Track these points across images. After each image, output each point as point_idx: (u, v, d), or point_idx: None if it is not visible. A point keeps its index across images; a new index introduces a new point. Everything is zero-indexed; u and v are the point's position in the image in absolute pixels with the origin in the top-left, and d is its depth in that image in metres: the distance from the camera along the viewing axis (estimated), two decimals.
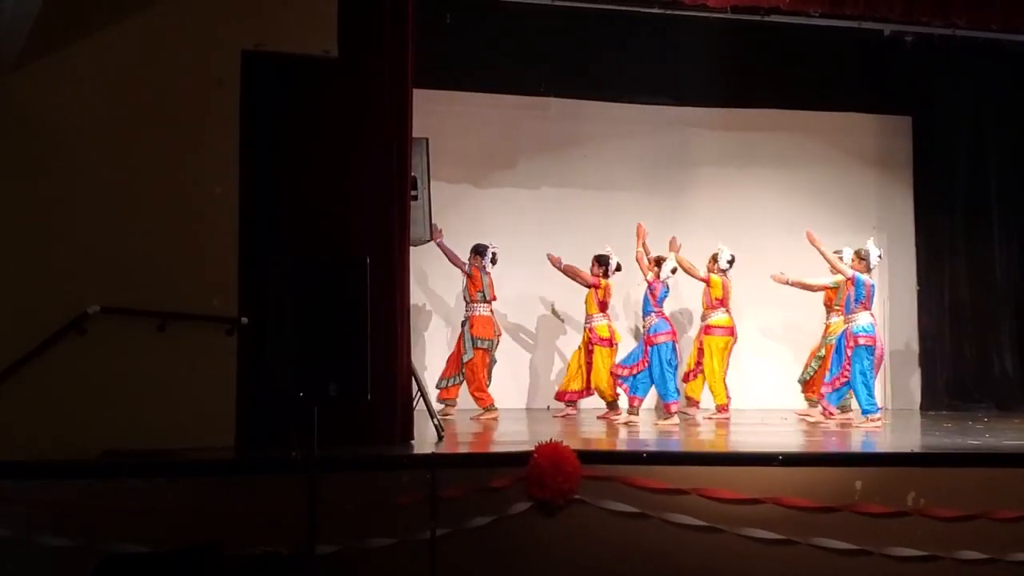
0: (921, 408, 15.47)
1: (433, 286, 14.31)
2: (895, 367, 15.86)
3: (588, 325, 13.37)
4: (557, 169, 15.22)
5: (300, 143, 8.90)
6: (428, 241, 10.59)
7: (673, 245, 13.18)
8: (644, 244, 13.13)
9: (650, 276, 12.76)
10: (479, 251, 13.11)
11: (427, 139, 10.20)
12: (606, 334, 13.24)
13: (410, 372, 9.35)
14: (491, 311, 13.12)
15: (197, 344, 8.33)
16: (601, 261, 13.25)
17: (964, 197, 15.93)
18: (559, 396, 13.55)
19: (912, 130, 16.12)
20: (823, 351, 13.21)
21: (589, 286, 13.27)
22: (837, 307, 12.99)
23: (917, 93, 16.00)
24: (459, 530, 7.52)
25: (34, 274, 8.07)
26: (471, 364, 12.91)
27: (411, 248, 9.49)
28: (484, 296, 13.03)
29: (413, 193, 9.47)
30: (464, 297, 13.23)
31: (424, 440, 9.21)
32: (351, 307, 6.82)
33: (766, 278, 13.84)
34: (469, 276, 13.07)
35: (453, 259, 13.04)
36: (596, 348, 13.20)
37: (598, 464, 7.84)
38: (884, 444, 10.61)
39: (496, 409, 12.91)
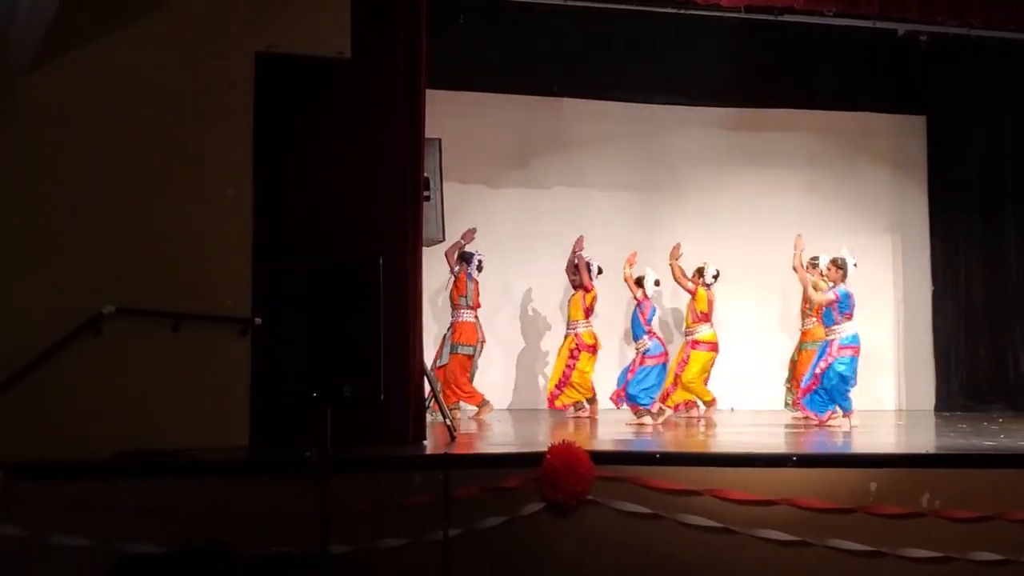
0: (936, 409, 15.45)
1: (446, 286, 14.27)
2: (909, 368, 15.86)
3: (573, 331, 13.65)
4: (570, 169, 15.25)
5: (313, 144, 8.90)
6: (441, 241, 10.59)
7: (675, 253, 13.23)
8: (630, 271, 13.18)
9: (639, 295, 12.82)
10: (465, 258, 13.17)
11: (440, 139, 10.20)
12: (591, 340, 13.59)
13: (423, 373, 9.35)
14: (475, 317, 13.17)
15: (211, 344, 8.35)
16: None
17: (979, 197, 15.91)
18: (554, 406, 13.66)
19: (926, 130, 16.10)
20: (796, 356, 13.30)
21: (580, 286, 13.45)
22: (811, 312, 13.03)
23: (932, 93, 16.00)
24: (471, 530, 7.51)
25: (49, 274, 8.09)
26: (445, 369, 12.98)
27: (424, 249, 9.49)
28: (467, 302, 13.09)
29: (426, 193, 9.47)
30: (449, 302, 13.36)
31: (436, 441, 9.20)
32: (364, 308, 6.81)
33: (778, 278, 13.86)
34: (455, 280, 13.15)
35: (450, 256, 13.15)
36: (582, 354, 13.35)
37: (611, 465, 7.82)
38: (899, 445, 10.59)
39: (489, 403, 13.13)
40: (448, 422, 9.57)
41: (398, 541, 7.40)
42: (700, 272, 13.39)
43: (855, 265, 12.08)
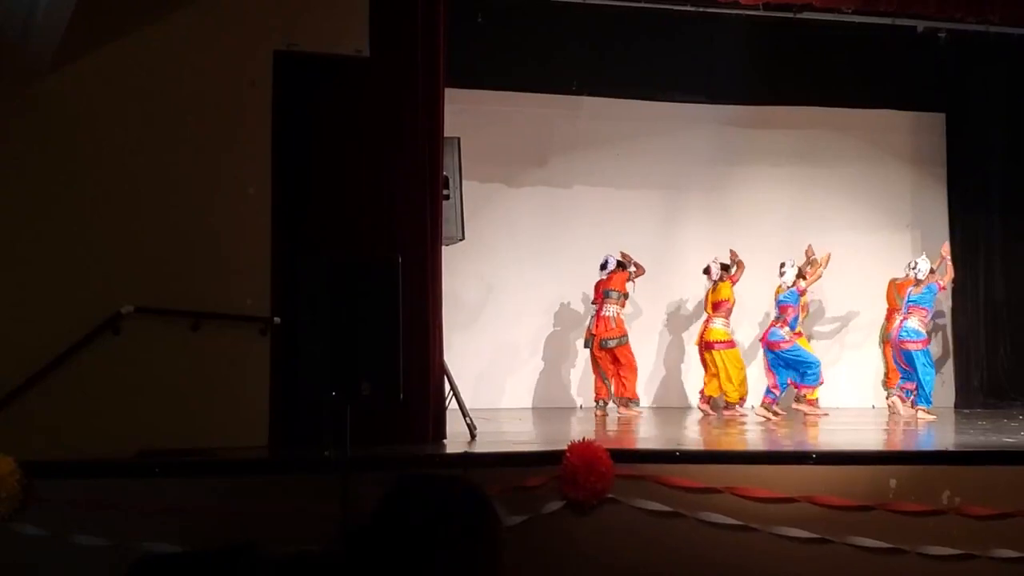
0: (955, 406, 15.39)
1: (465, 285, 14.25)
2: None
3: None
4: (589, 168, 15.22)
5: (332, 143, 8.92)
6: (460, 240, 10.57)
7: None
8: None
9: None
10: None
11: (458, 138, 10.19)
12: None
13: (443, 371, 9.35)
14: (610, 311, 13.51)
15: (230, 344, 8.36)
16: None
17: (998, 194, 15.84)
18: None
19: (945, 127, 16.05)
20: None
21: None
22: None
23: (951, 90, 15.95)
24: None
25: (68, 274, 8.11)
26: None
27: (443, 247, 9.49)
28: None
29: (445, 192, 9.47)
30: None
31: (457, 439, 9.20)
32: (383, 306, 6.83)
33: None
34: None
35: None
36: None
37: (631, 463, 7.82)
38: (919, 442, 10.57)
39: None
40: (468, 420, 9.56)
41: None
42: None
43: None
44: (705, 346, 13.77)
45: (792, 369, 13.14)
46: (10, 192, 8.14)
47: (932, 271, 13.09)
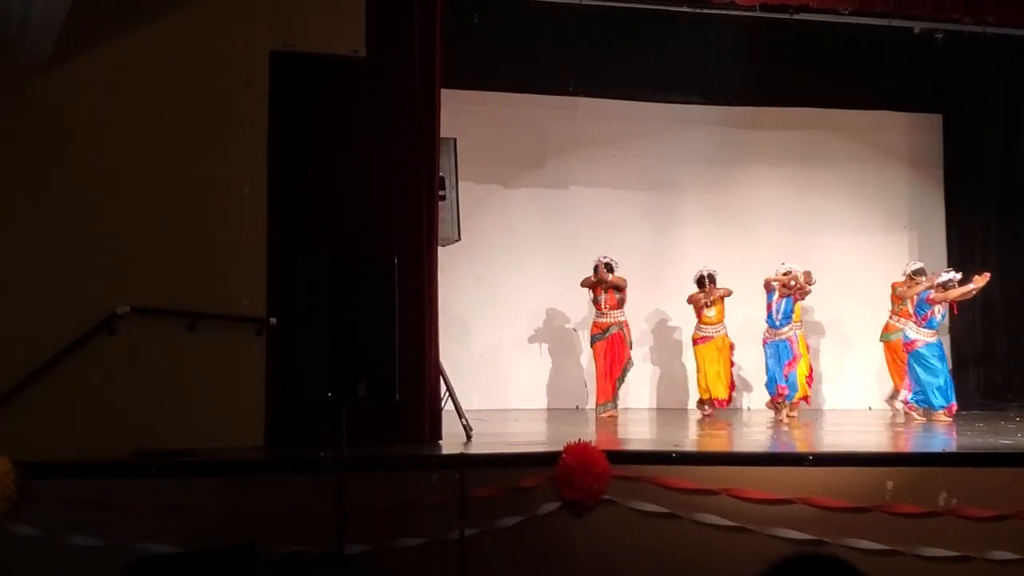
0: None
1: (462, 286, 14.23)
2: None
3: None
4: (586, 168, 15.24)
5: (329, 143, 8.92)
6: (456, 241, 10.55)
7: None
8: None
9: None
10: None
11: (455, 139, 10.17)
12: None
13: (438, 371, 9.34)
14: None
15: (226, 344, 8.35)
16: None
17: (996, 195, 15.88)
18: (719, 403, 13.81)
19: (942, 128, 16.05)
20: None
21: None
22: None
23: (947, 90, 15.97)
24: (488, 530, 7.49)
25: (64, 274, 8.10)
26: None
27: (439, 248, 9.48)
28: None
29: (441, 193, 9.46)
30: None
31: (453, 440, 9.19)
32: (379, 307, 6.82)
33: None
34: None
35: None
36: None
37: (627, 464, 7.80)
38: (916, 444, 10.56)
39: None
40: (464, 421, 9.55)
41: (415, 540, 7.38)
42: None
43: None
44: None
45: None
46: (5, 192, 8.12)
47: (943, 286, 13.07)
